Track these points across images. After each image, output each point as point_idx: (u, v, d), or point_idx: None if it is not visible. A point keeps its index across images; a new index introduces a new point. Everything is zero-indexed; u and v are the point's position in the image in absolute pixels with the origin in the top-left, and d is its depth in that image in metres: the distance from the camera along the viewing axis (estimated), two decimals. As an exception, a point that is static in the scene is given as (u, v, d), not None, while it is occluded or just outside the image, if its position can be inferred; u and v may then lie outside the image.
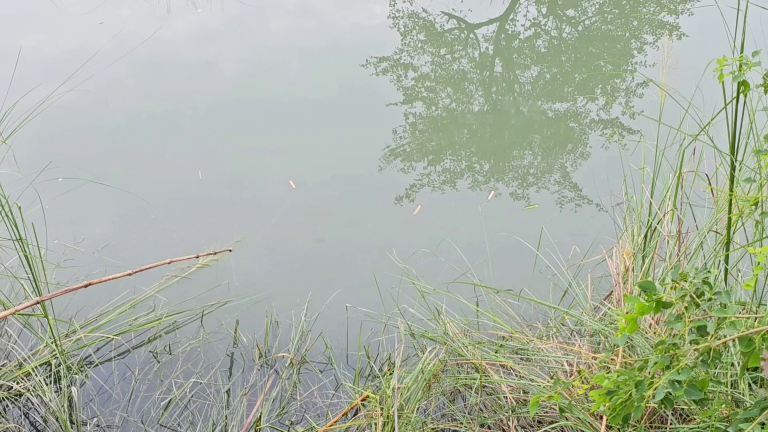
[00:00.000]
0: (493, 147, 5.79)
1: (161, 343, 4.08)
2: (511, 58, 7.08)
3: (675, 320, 2.48)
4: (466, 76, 6.72)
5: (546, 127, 5.95)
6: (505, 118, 6.13)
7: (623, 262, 3.95)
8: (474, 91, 6.52)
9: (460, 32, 7.44)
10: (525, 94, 6.45)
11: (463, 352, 3.70)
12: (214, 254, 4.57)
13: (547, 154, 5.58)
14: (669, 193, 3.92)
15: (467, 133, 5.95)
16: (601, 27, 7.49)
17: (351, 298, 4.27)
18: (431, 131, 5.96)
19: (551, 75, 6.70)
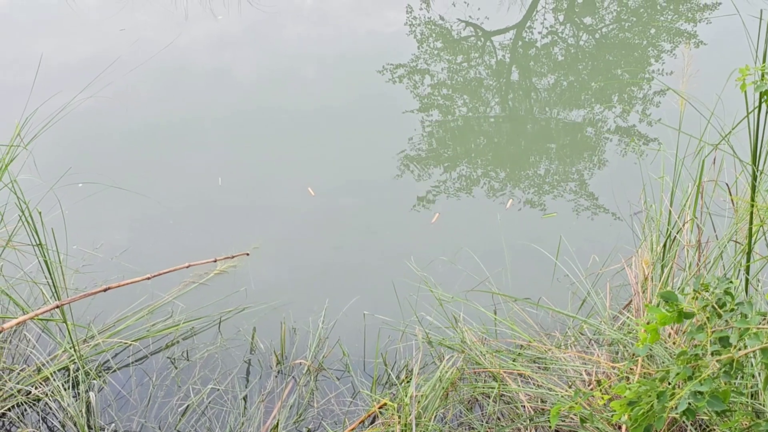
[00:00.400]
0: (510, 154, 5.78)
1: (179, 349, 4.09)
2: (528, 65, 7.08)
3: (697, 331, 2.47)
4: (482, 84, 6.72)
5: (563, 135, 5.93)
6: (522, 126, 6.12)
7: (642, 271, 3.94)
8: (490, 99, 6.51)
9: (476, 39, 7.44)
10: (542, 102, 6.44)
11: (480, 361, 3.69)
12: (232, 258, 4.55)
13: (564, 162, 5.57)
14: (689, 202, 3.90)
15: (484, 141, 5.95)
16: (618, 35, 7.47)
17: (368, 306, 4.27)
18: (448, 138, 5.96)
19: (568, 83, 6.68)
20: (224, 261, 4.48)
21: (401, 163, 5.57)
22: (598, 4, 7.99)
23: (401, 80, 6.66)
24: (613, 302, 4.08)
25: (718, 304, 2.46)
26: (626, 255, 4.27)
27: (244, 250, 4.65)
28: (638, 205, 4.75)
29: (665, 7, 7.82)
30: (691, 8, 7.71)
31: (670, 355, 3.32)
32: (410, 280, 4.36)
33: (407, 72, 6.77)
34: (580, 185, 5.29)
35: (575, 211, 5.05)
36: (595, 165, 5.53)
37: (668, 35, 7.23)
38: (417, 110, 6.23)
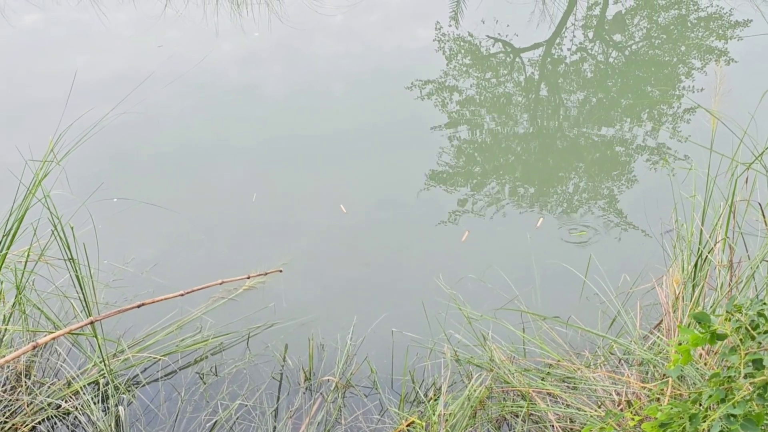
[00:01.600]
0: (539, 171, 5.76)
1: (207, 364, 4.09)
2: (557, 82, 7.05)
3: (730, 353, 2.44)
4: (511, 100, 6.71)
5: (592, 152, 5.90)
6: (551, 143, 6.10)
7: (673, 290, 3.90)
8: (519, 115, 6.49)
9: (505, 56, 7.44)
10: (571, 119, 6.41)
11: (509, 379, 3.67)
12: (265, 275, 4.58)
13: (594, 179, 5.53)
14: (720, 221, 3.86)
15: (512, 158, 5.93)
16: (648, 52, 7.43)
17: (397, 323, 4.26)
18: (477, 155, 5.95)
19: (597, 100, 6.66)
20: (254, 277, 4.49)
21: (430, 179, 5.56)
22: (627, 21, 7.96)
23: (430, 97, 6.66)
24: (644, 322, 4.04)
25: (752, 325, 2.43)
26: (657, 274, 4.24)
27: (274, 266, 4.67)
28: (669, 223, 4.72)
29: (696, 24, 7.78)
30: (722, 25, 7.66)
31: (702, 376, 3.28)
32: (439, 297, 4.35)
33: (436, 88, 6.77)
34: (610, 203, 5.26)
35: (606, 229, 5.02)
36: (624, 183, 5.50)
37: (699, 52, 7.19)
38: (445, 126, 6.23)
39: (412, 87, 6.74)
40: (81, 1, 8.40)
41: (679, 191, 4.67)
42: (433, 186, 5.52)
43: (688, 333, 2.46)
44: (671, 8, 8.23)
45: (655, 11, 8.19)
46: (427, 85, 6.78)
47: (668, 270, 4.08)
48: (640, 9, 8.23)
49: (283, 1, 8.33)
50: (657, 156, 5.71)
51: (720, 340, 2.46)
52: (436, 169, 5.69)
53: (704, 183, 3.98)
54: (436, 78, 6.90)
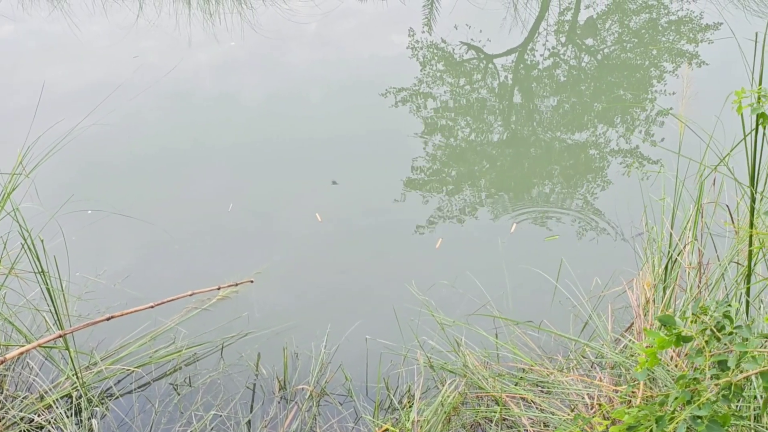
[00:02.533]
0: (513, 177, 5.79)
1: (181, 375, 4.09)
2: (530, 87, 7.10)
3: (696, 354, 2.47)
4: (485, 106, 6.74)
5: (566, 157, 5.94)
6: (525, 148, 6.14)
7: (644, 293, 3.93)
8: (493, 121, 6.53)
9: (479, 62, 7.47)
10: (544, 124, 6.45)
11: (483, 385, 3.68)
12: (236, 286, 4.58)
13: (567, 184, 5.57)
14: (689, 224, 3.90)
15: (487, 164, 5.96)
16: (620, 56, 7.49)
17: (371, 330, 4.27)
18: (451, 161, 5.97)
19: (570, 104, 6.70)
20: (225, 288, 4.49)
21: (406, 186, 5.58)
22: (599, 26, 8.02)
23: (404, 103, 6.68)
24: (615, 325, 4.07)
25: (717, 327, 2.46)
26: (628, 277, 4.27)
27: (249, 275, 4.67)
28: (640, 227, 4.75)
29: (666, 28, 7.84)
30: (693, 29, 7.74)
31: (673, 378, 3.31)
32: (413, 304, 4.36)
33: (410, 95, 6.80)
34: (583, 207, 5.29)
35: (578, 233, 5.05)
36: (598, 187, 5.53)
37: (670, 56, 7.25)
38: (421, 134, 6.25)
39: (387, 94, 6.76)
40: (52, 12, 8.37)
41: (649, 194, 4.71)
42: (408, 192, 5.53)
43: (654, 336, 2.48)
44: (642, 12, 8.30)
45: (627, 15, 8.25)
46: (402, 92, 6.80)
47: (639, 273, 4.12)
48: (611, 13, 8.29)
49: (256, 9, 8.33)
50: (630, 159, 5.75)
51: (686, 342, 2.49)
52: (412, 176, 5.71)
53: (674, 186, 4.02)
54: (410, 85, 6.93)
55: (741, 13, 7.69)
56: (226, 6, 8.42)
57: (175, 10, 8.34)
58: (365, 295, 4.62)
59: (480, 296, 4.40)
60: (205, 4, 8.50)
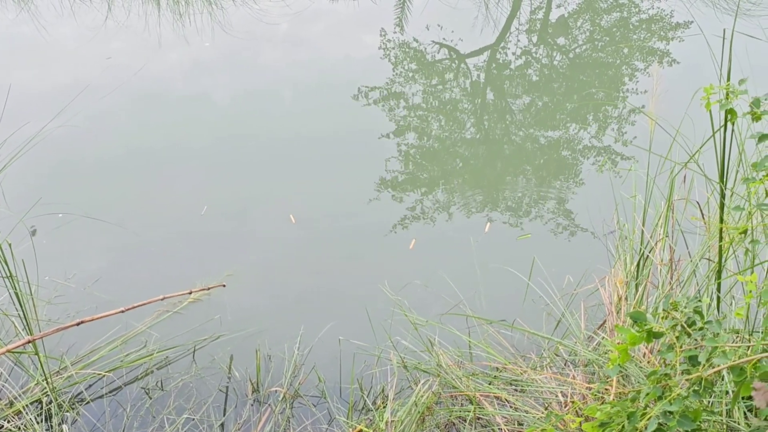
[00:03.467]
0: (486, 176, 5.80)
1: (153, 379, 4.07)
2: (503, 86, 7.12)
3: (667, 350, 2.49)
4: (458, 106, 6.76)
5: (539, 156, 5.97)
6: (498, 147, 6.16)
7: (616, 290, 3.96)
8: (466, 120, 6.55)
9: (451, 61, 7.49)
10: (517, 123, 6.48)
11: (456, 384, 3.69)
12: (208, 290, 4.56)
13: (540, 183, 5.60)
14: (661, 221, 3.93)
15: (460, 163, 5.97)
16: (591, 55, 7.54)
17: (344, 331, 4.27)
18: (424, 162, 5.98)
19: (543, 103, 6.73)
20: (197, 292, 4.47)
21: (380, 187, 5.58)
22: (571, 25, 8.06)
23: (377, 104, 6.68)
24: (588, 322, 4.09)
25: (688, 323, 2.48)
26: (600, 275, 4.29)
27: (222, 278, 4.66)
28: (612, 224, 4.78)
29: (638, 26, 7.90)
30: (663, 27, 7.80)
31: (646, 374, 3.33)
32: (386, 305, 4.36)
33: (382, 96, 6.80)
34: (557, 206, 5.32)
35: (552, 232, 5.08)
36: (570, 186, 5.56)
37: (641, 54, 7.30)
38: (393, 134, 6.25)
39: (359, 95, 6.76)
40: (19, 14, 8.30)
41: (620, 192, 4.74)
42: (382, 192, 5.54)
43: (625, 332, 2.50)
44: (613, 11, 8.35)
45: (598, 14, 8.31)
46: (374, 93, 6.81)
47: (611, 270, 4.15)
48: (582, 12, 8.34)
49: (226, 10, 8.31)
50: (603, 157, 5.79)
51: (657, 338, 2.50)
52: (385, 177, 5.71)
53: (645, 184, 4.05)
54: (382, 85, 6.93)
55: (711, 11, 7.76)
56: (196, 6, 8.39)
57: (145, 12, 8.29)
58: (338, 296, 4.62)
59: (453, 296, 4.41)
60: (175, 5, 8.46)
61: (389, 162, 5.88)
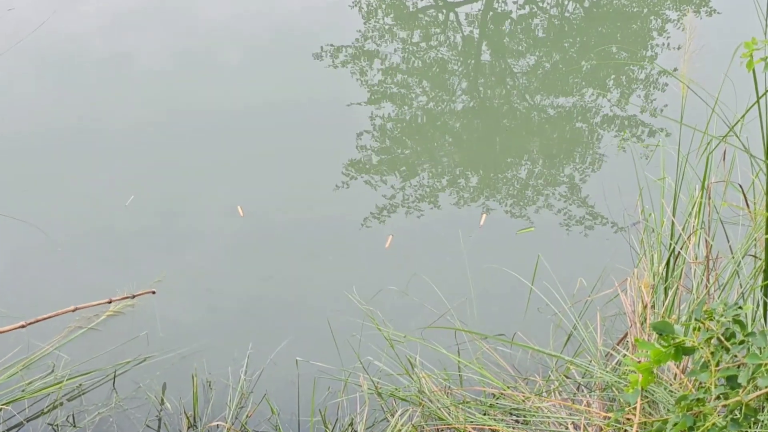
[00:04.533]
0: (482, 155, 5.80)
1: (63, 412, 4.05)
2: (502, 43, 7.12)
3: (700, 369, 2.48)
4: (446, 68, 6.75)
5: (547, 130, 5.97)
6: (496, 119, 6.15)
7: (641, 296, 3.95)
8: (456, 86, 6.54)
9: (437, 12, 7.49)
10: (520, 89, 6.48)
11: (443, 415, 3.68)
12: (132, 298, 4.53)
13: (549, 163, 5.60)
14: (695, 209, 3.93)
15: (449, 139, 5.97)
16: (612, 2, 7.55)
17: (302, 350, 4.27)
18: (405, 137, 5.97)
19: (552, 64, 6.74)
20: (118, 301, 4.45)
21: (349, 169, 5.57)
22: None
23: (345, 65, 6.67)
24: (606, 336, 4.09)
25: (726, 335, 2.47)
26: (621, 277, 4.29)
27: (148, 285, 4.63)
28: (635, 214, 4.78)
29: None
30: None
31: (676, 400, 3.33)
32: (354, 317, 4.35)
33: (351, 56, 6.79)
34: (568, 192, 5.32)
35: (562, 224, 5.08)
36: (585, 166, 5.57)
37: (673, 2, 7.32)
38: (365, 102, 6.24)
39: (322, 55, 6.74)
40: None
41: (646, 174, 4.73)
42: (351, 177, 5.52)
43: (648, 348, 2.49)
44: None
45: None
46: (341, 52, 6.79)
47: (634, 271, 4.14)
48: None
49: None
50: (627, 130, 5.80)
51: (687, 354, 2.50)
52: (356, 157, 5.70)
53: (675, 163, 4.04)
54: (351, 42, 6.92)
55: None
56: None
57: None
58: (295, 306, 4.62)
59: (438, 305, 4.41)
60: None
61: (361, 138, 5.87)
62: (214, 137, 5.84)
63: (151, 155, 5.71)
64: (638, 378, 2.50)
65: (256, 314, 4.58)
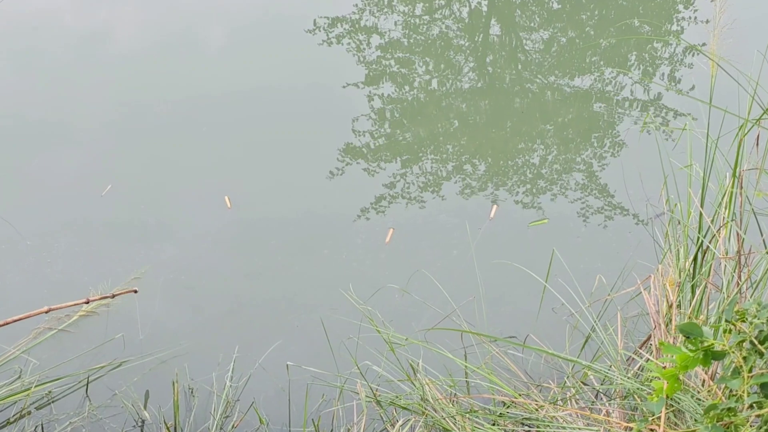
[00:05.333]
0: (491, 139, 5.79)
1: (31, 422, 4.05)
2: (513, 16, 7.11)
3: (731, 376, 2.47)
4: (451, 43, 6.74)
5: (562, 111, 5.96)
6: (507, 100, 6.15)
7: (665, 295, 3.94)
8: (463, 64, 6.53)
9: (443, -17, 7.50)
10: (533, 67, 6.47)
11: (448, 425, 3.68)
12: (112, 297, 4.52)
13: (564, 149, 5.59)
14: (725, 199, 3.91)
15: (455, 122, 5.96)
16: (634, -27, 7.55)
17: (293, 354, 4.26)
18: (406, 120, 5.97)
19: (567, 39, 6.73)
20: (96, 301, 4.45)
21: (345, 155, 5.57)
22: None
23: (340, 41, 6.66)
24: (627, 339, 4.08)
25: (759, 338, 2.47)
26: (644, 273, 4.28)
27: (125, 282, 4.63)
28: (659, 205, 4.78)
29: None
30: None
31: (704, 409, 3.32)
32: (351, 317, 4.35)
33: (347, 30, 6.78)
34: (586, 180, 5.32)
35: (579, 215, 5.07)
36: (605, 152, 5.56)
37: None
38: (363, 83, 6.24)
39: (315, 30, 6.73)
40: None
41: (671, 160, 4.72)
42: (348, 164, 5.52)
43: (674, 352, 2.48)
44: None
45: None
46: (336, 26, 6.78)
47: (659, 267, 4.13)
48: None
49: None
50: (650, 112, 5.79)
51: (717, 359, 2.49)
52: (352, 142, 5.70)
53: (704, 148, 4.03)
54: (347, 15, 6.91)
55: None
56: None
57: None
58: (286, 306, 4.62)
59: (443, 304, 4.40)
60: None
61: (357, 121, 5.87)
62: (198, 121, 5.85)
63: (129, 142, 5.71)
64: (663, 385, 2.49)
65: (243, 314, 4.58)
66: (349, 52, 6.58)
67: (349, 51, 6.58)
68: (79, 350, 4.34)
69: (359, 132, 5.79)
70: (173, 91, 6.16)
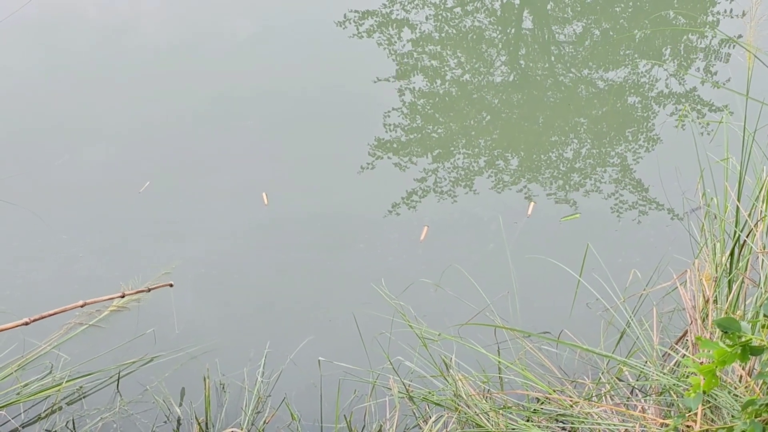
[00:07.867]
0: (524, 133, 5.78)
1: (62, 417, 4.07)
2: (545, 9, 7.09)
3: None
4: (483, 36, 6.73)
5: (595, 105, 5.94)
6: (539, 93, 6.13)
7: (702, 290, 3.93)
8: (495, 57, 6.52)
9: (475, -24, 7.48)
10: (566, 60, 6.45)
11: (481, 421, 3.67)
12: (148, 291, 4.52)
13: (598, 143, 5.57)
14: (763, 192, 3.90)
15: (487, 116, 5.95)
16: (669, -36, 7.52)
17: (325, 349, 4.27)
18: (438, 114, 5.96)
19: (601, 31, 6.70)
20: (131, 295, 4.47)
21: (377, 151, 5.57)
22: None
23: (371, 35, 6.66)
24: (663, 334, 4.07)
25: (799, 333, 2.47)
26: (680, 268, 4.26)
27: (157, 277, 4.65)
28: (695, 199, 4.76)
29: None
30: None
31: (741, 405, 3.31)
32: (383, 312, 4.35)
33: (378, 24, 6.78)
34: (620, 174, 5.30)
35: (613, 210, 5.06)
36: (639, 146, 5.54)
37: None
38: (394, 77, 6.23)
39: (345, 23, 6.74)
40: None
41: (707, 154, 4.70)
42: (379, 158, 5.52)
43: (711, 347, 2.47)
44: None
45: None
46: (367, 19, 6.78)
47: (695, 262, 4.11)
48: None
49: None
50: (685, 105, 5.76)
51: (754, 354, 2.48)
52: (383, 137, 5.70)
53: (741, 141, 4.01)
54: (378, 8, 6.91)
55: None
56: None
57: None
58: (318, 301, 4.63)
59: (477, 300, 4.40)
60: None
61: (389, 116, 5.86)
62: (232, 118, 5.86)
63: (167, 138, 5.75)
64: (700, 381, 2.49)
65: (275, 310, 4.59)
66: (380, 45, 6.57)
67: (379, 45, 6.58)
68: (110, 345, 4.36)
69: (390, 126, 5.79)
70: (205, 86, 6.17)
